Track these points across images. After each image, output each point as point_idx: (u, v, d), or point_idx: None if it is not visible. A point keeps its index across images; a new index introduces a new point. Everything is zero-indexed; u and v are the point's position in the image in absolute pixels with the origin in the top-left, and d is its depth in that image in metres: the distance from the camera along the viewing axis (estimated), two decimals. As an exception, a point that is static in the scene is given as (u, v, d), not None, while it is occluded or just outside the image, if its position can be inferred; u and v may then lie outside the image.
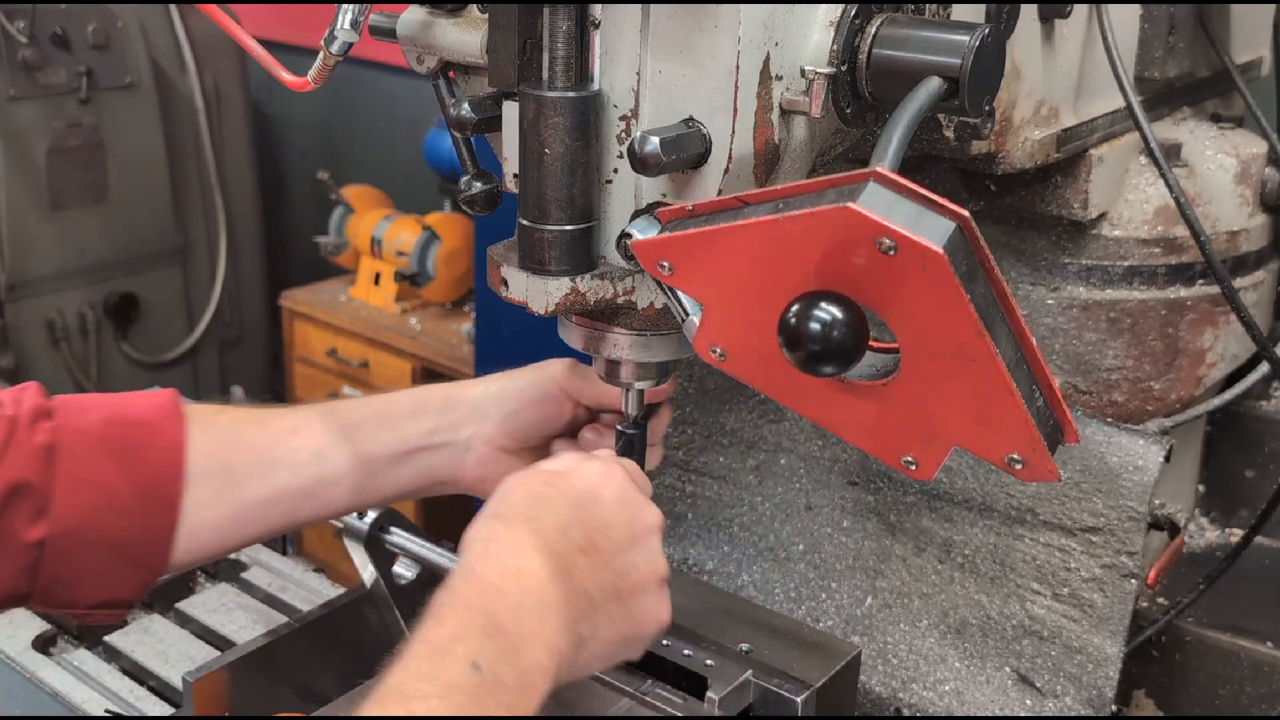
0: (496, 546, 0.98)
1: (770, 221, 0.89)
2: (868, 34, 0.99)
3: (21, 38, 3.66)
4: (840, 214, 0.84)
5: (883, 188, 0.85)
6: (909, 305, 0.86)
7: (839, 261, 0.86)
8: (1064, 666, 1.41)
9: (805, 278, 0.88)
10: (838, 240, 0.86)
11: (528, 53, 0.99)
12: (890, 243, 0.83)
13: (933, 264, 0.82)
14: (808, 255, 0.88)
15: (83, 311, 3.96)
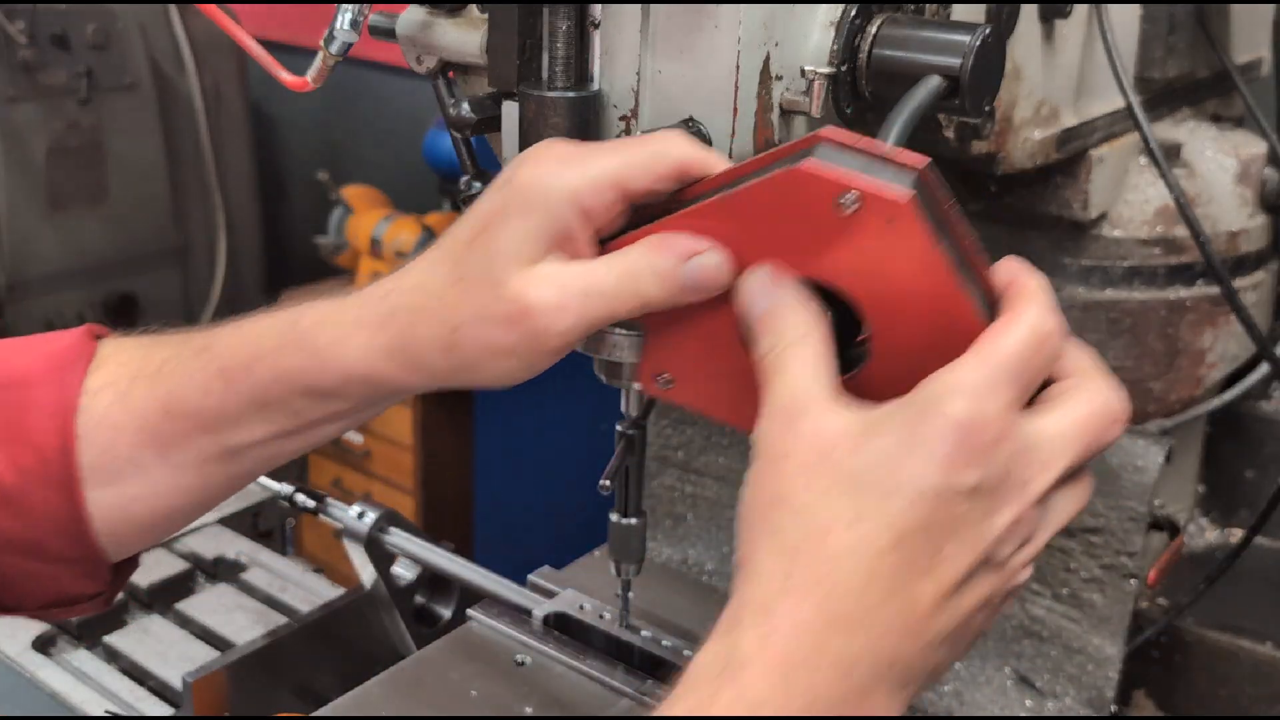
0: (802, 578, 0.70)
1: (712, 204, 0.81)
2: (868, 34, 0.99)
3: (21, 38, 3.66)
4: (790, 177, 0.77)
5: (833, 148, 0.78)
6: (876, 272, 0.76)
7: (796, 237, 0.78)
8: (1064, 667, 1.41)
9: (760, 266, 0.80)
10: (792, 210, 0.77)
11: (527, 53, 0.99)
12: (853, 197, 0.75)
13: (900, 216, 0.75)
14: (760, 239, 0.80)
15: (82, 312, 3.96)
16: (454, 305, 0.85)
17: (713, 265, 0.81)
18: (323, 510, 1.49)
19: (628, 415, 1.19)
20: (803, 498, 0.71)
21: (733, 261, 0.82)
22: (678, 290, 0.82)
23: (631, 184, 0.84)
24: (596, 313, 0.83)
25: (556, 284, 0.82)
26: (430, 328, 0.86)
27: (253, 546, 1.68)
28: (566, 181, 0.84)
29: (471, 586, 1.41)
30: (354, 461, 4.08)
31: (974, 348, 0.73)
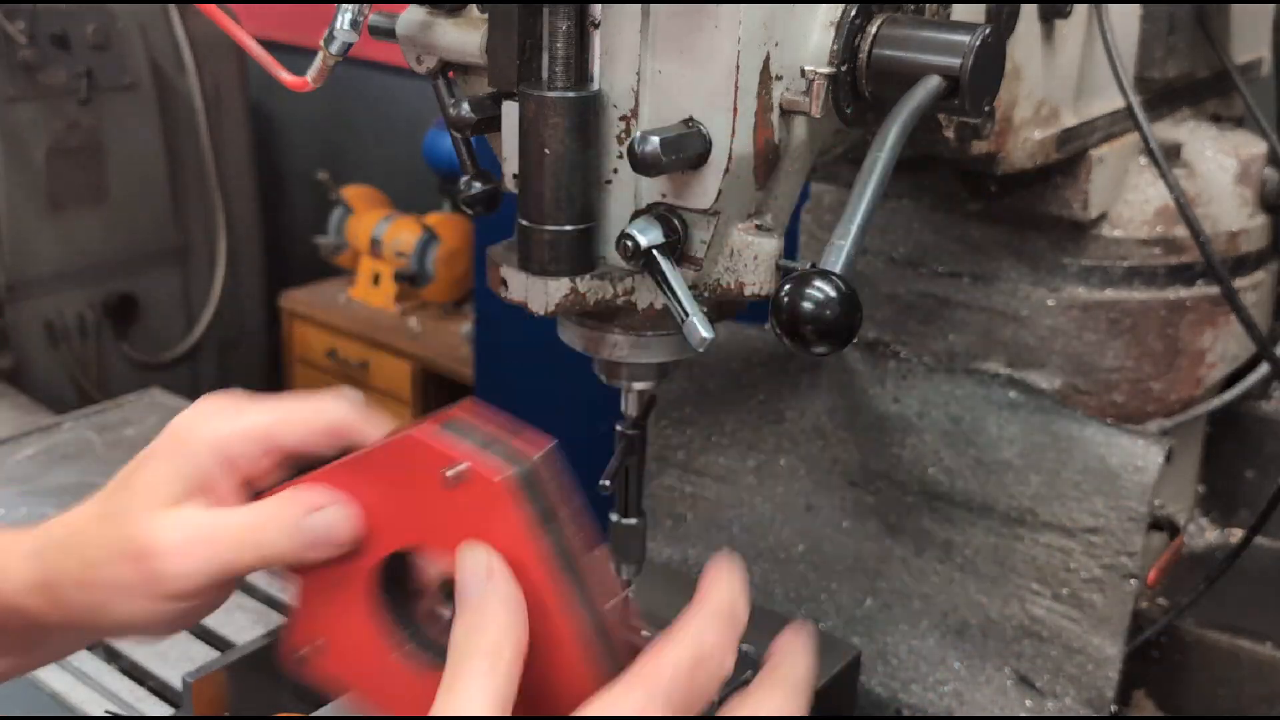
0: None
1: (346, 463, 0.83)
2: (868, 34, 0.99)
3: (21, 38, 3.66)
4: (405, 442, 0.80)
5: (463, 422, 0.80)
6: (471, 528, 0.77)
7: (412, 502, 0.79)
8: (1064, 667, 1.41)
9: (385, 532, 0.81)
10: (409, 475, 0.79)
11: (527, 53, 0.99)
12: (458, 471, 0.77)
13: (498, 498, 0.75)
14: (385, 500, 0.81)
15: (82, 312, 3.96)
16: (92, 541, 0.85)
17: (334, 519, 0.82)
18: (323, 510, 1.49)
19: (628, 415, 1.19)
20: None
21: (364, 520, 0.82)
22: (302, 543, 0.83)
23: (283, 439, 0.86)
24: (221, 560, 0.83)
25: (184, 528, 0.83)
26: (70, 561, 0.85)
27: (253, 546, 1.68)
28: (214, 430, 0.87)
29: (471, 586, 1.41)
30: (354, 461, 4.08)
31: (633, 668, 0.72)
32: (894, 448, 1.51)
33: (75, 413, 2.05)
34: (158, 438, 0.88)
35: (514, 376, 3.22)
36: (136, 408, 2.06)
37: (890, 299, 1.56)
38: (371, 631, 0.84)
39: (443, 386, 3.79)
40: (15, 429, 2.01)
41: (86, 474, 1.84)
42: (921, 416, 1.50)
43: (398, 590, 0.85)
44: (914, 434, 1.50)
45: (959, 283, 1.52)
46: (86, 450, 1.91)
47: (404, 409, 3.86)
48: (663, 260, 0.99)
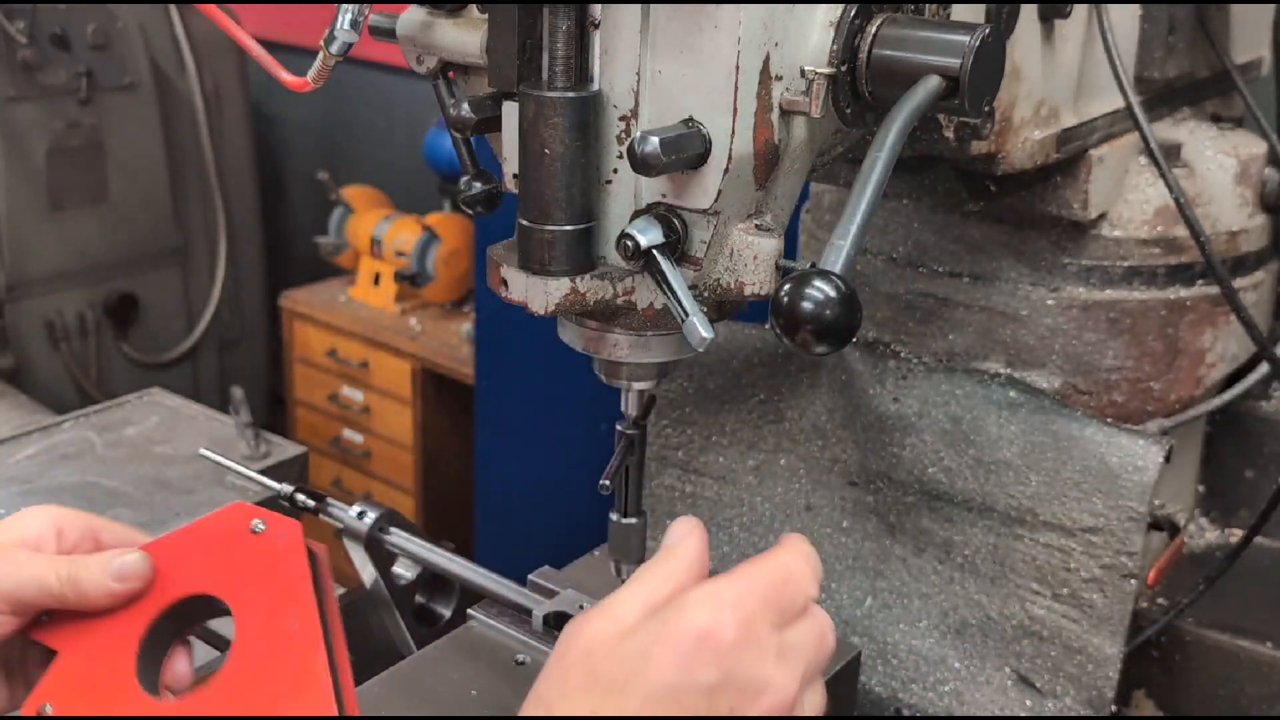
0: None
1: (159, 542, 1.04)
2: (868, 34, 0.99)
3: (21, 38, 3.66)
4: (220, 512, 1.06)
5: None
6: (258, 582, 1.02)
7: (211, 552, 1.03)
8: (1064, 667, 1.41)
9: (177, 579, 1.01)
10: (214, 534, 1.04)
11: (528, 53, 0.99)
12: (261, 524, 1.04)
13: (290, 532, 1.03)
14: (184, 553, 1.03)
15: (82, 312, 3.96)
16: None
17: (136, 559, 0.99)
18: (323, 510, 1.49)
19: (628, 415, 1.19)
20: (552, 696, 0.78)
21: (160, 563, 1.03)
22: (112, 576, 0.99)
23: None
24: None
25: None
26: None
27: (253, 546, 1.68)
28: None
29: (471, 586, 1.41)
30: (354, 461, 4.08)
31: (732, 571, 0.80)
32: (894, 447, 1.51)
33: (75, 413, 2.05)
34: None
35: (514, 376, 3.22)
36: (136, 408, 2.06)
37: (890, 299, 1.56)
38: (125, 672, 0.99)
39: (443, 386, 3.79)
40: (15, 429, 2.01)
41: (86, 474, 1.84)
42: (921, 416, 1.50)
43: (157, 641, 1.03)
44: (914, 434, 1.50)
45: (959, 282, 1.52)
46: (86, 450, 1.91)
47: (404, 409, 3.86)
48: (663, 260, 0.99)
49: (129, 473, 1.85)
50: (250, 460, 1.88)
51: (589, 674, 0.77)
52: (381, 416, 3.96)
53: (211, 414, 2.05)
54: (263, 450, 1.93)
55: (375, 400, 3.96)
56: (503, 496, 3.36)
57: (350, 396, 4.02)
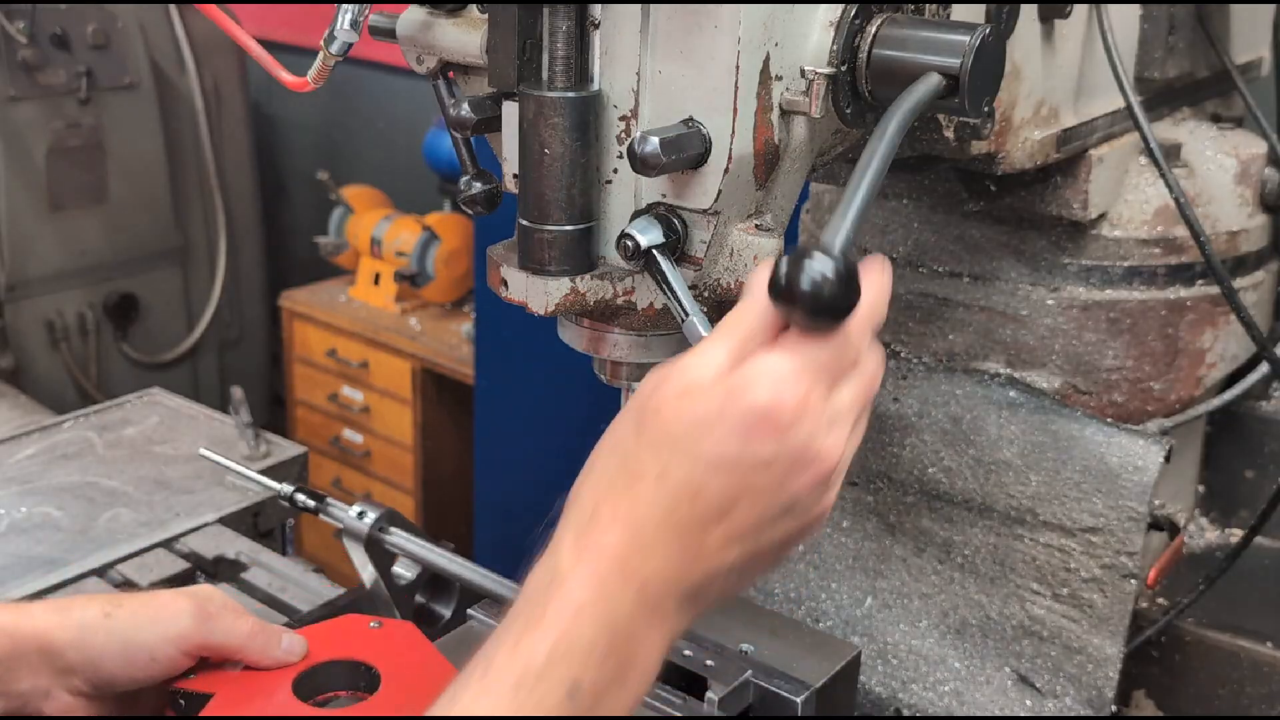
0: (612, 511, 0.83)
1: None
2: (868, 34, 0.99)
3: (21, 38, 3.66)
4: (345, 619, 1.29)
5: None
6: (392, 654, 1.21)
7: (339, 640, 1.24)
8: (1064, 667, 1.41)
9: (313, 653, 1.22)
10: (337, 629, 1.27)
11: (528, 53, 0.99)
12: (378, 624, 1.26)
13: (407, 628, 1.27)
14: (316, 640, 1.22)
15: (82, 312, 3.96)
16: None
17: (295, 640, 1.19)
18: (323, 510, 1.49)
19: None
20: (626, 446, 0.84)
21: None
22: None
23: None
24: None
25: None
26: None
27: (253, 546, 1.67)
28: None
29: (471, 586, 1.40)
30: (354, 461, 4.08)
31: (787, 339, 0.83)
32: (894, 447, 1.51)
33: (75, 413, 2.05)
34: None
35: (514, 376, 3.22)
36: (136, 408, 2.06)
37: (890, 299, 1.56)
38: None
39: (443, 386, 3.79)
40: (15, 429, 2.00)
41: (86, 474, 1.84)
42: (921, 416, 1.50)
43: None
44: (914, 434, 1.50)
45: (959, 282, 1.52)
46: (86, 450, 1.91)
47: (404, 409, 3.86)
48: (663, 260, 0.99)
49: (129, 473, 1.85)
50: (250, 460, 1.88)
51: (660, 432, 0.82)
52: (381, 416, 3.96)
53: (211, 414, 2.04)
54: (263, 450, 1.93)
55: (375, 400, 3.96)
56: (503, 496, 3.36)
57: (350, 396, 4.02)
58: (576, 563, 0.82)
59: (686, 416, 0.82)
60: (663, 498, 0.82)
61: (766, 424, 0.81)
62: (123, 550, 1.64)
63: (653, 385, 0.85)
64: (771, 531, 0.84)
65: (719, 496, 0.81)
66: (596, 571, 0.82)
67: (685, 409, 0.82)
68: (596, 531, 0.83)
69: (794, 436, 0.82)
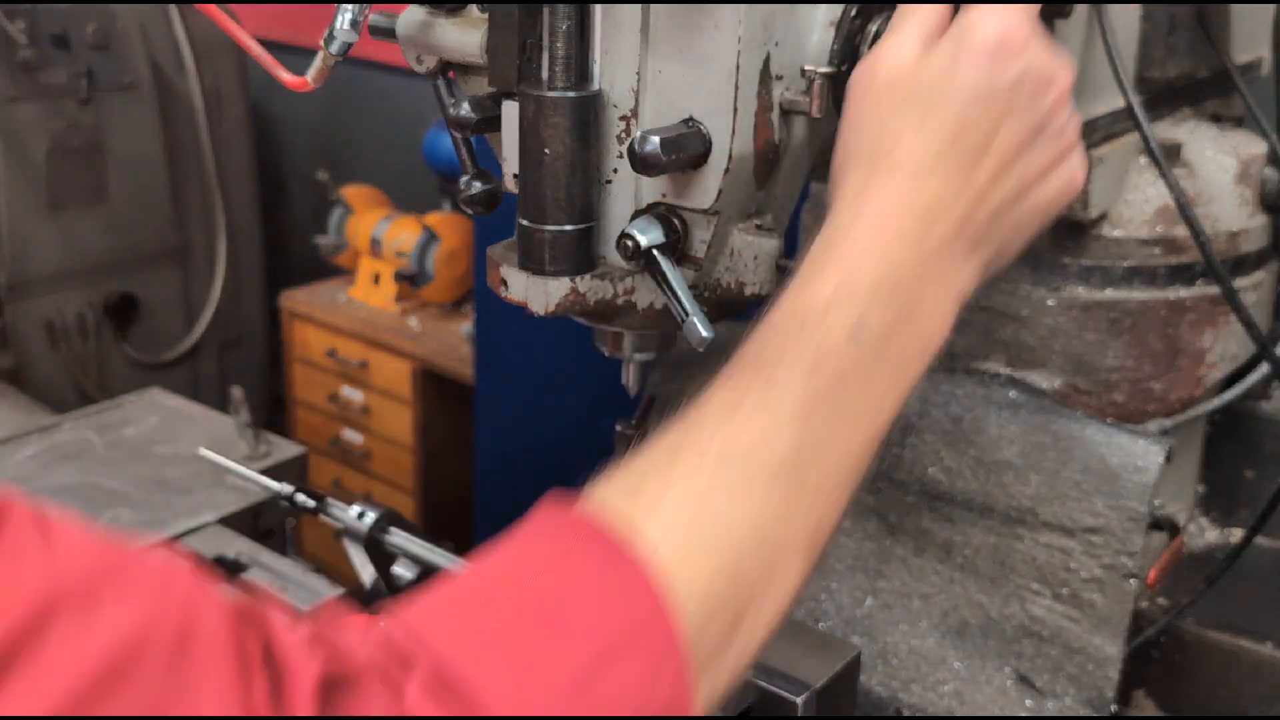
0: (886, 164, 0.85)
1: None
2: (868, 34, 0.99)
3: (21, 38, 3.66)
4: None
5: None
6: None
7: None
8: (1064, 667, 1.41)
9: None
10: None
11: (528, 53, 0.99)
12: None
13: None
14: None
15: (82, 312, 3.96)
16: None
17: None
18: (323, 510, 1.49)
19: (628, 387, 1.18)
20: (878, 116, 0.86)
21: None
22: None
23: None
24: None
25: None
26: None
27: (253, 546, 1.67)
28: None
29: (471, 586, 1.41)
30: (354, 461, 4.08)
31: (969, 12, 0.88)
32: (894, 448, 1.51)
33: (75, 413, 2.05)
34: None
35: (514, 376, 3.22)
36: (136, 408, 2.06)
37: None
38: None
39: (443, 386, 3.79)
40: (15, 429, 2.01)
41: (86, 474, 1.84)
42: (921, 416, 1.50)
43: None
44: (914, 434, 1.50)
45: (959, 283, 1.51)
46: (86, 450, 1.91)
47: (404, 409, 3.86)
48: (663, 260, 0.99)
49: (129, 473, 1.85)
50: (250, 460, 1.88)
51: (903, 96, 0.85)
52: (381, 416, 3.96)
53: (211, 414, 2.05)
54: (263, 450, 1.93)
55: (375, 400, 3.96)
56: (503, 496, 3.36)
57: (350, 396, 4.02)
58: (854, 219, 0.84)
59: (926, 70, 0.85)
60: (927, 142, 0.84)
61: (1006, 48, 0.85)
62: (123, 550, 1.64)
63: (866, 73, 0.88)
64: (1034, 157, 0.87)
65: (981, 126, 0.84)
66: (874, 220, 0.83)
67: (920, 67, 0.85)
68: (869, 191, 0.85)
69: (1033, 55, 0.86)
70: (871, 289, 0.80)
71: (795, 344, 0.79)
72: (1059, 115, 0.89)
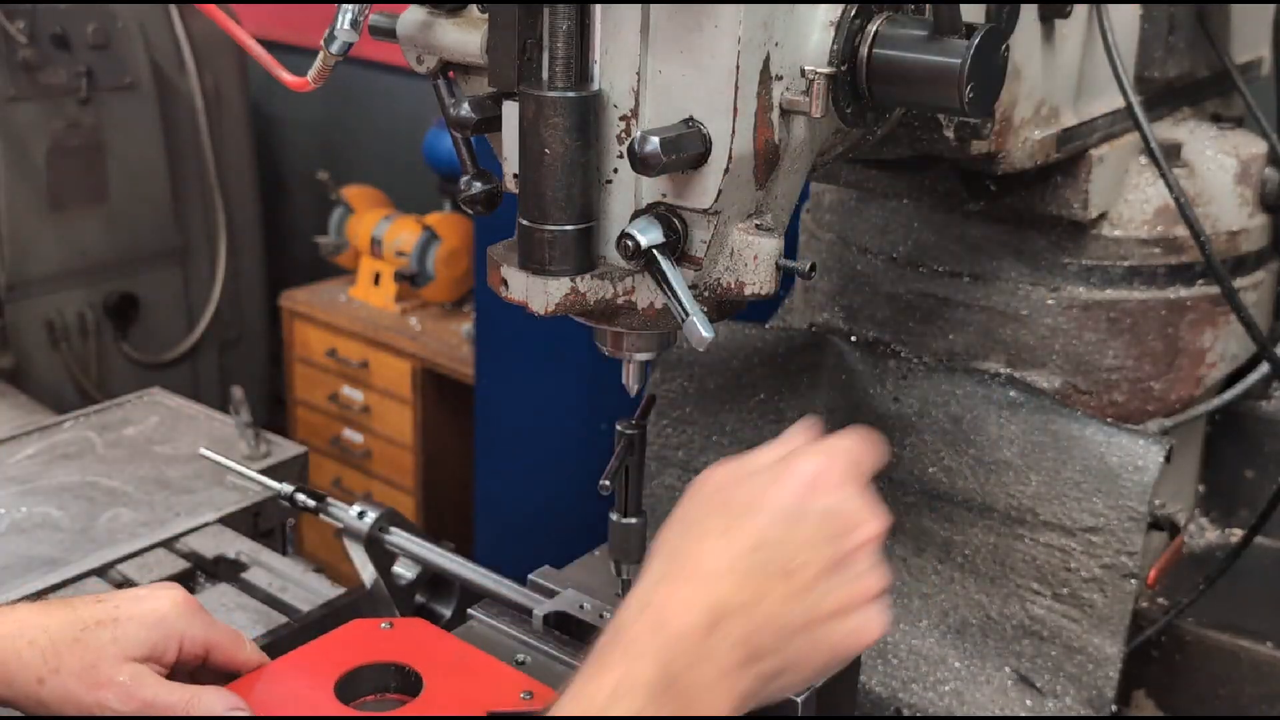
0: (681, 567, 0.89)
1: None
2: (868, 34, 0.99)
3: (21, 38, 3.66)
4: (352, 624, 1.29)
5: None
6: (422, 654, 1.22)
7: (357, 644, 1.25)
8: (1064, 666, 1.41)
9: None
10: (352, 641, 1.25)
11: (528, 53, 0.99)
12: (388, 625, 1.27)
13: (419, 624, 1.29)
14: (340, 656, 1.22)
15: (82, 311, 3.96)
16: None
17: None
18: (323, 510, 1.49)
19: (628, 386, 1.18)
20: (693, 517, 0.92)
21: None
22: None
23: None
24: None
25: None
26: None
27: (253, 546, 1.67)
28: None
29: (471, 586, 1.41)
30: (354, 461, 4.08)
31: (819, 442, 0.96)
32: (894, 447, 1.51)
33: (75, 413, 2.05)
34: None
35: (514, 376, 3.22)
36: (136, 408, 2.06)
37: (890, 299, 1.56)
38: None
39: (443, 386, 3.79)
40: (15, 429, 2.01)
41: (86, 474, 1.84)
42: (921, 416, 1.50)
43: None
44: (914, 434, 1.50)
45: (959, 282, 1.52)
46: (86, 450, 1.91)
47: (404, 409, 3.86)
48: (663, 260, 0.99)
49: (129, 473, 1.85)
50: (250, 460, 1.88)
51: (722, 502, 0.92)
52: (381, 416, 3.95)
53: (211, 414, 2.04)
54: (263, 450, 1.93)
55: (375, 400, 3.96)
56: (503, 496, 3.36)
57: (350, 396, 4.02)
58: (641, 612, 0.87)
59: (749, 484, 0.92)
60: (726, 548, 0.89)
61: (820, 482, 0.91)
62: (123, 550, 1.64)
63: (705, 477, 0.95)
64: (831, 590, 0.90)
65: (783, 545, 0.89)
66: (659, 616, 0.86)
67: (747, 480, 0.92)
68: (662, 586, 0.89)
69: (846, 495, 0.92)
70: (649, 687, 0.82)
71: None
72: (862, 559, 0.91)
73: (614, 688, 0.83)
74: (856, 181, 1.54)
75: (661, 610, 0.86)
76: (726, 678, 0.85)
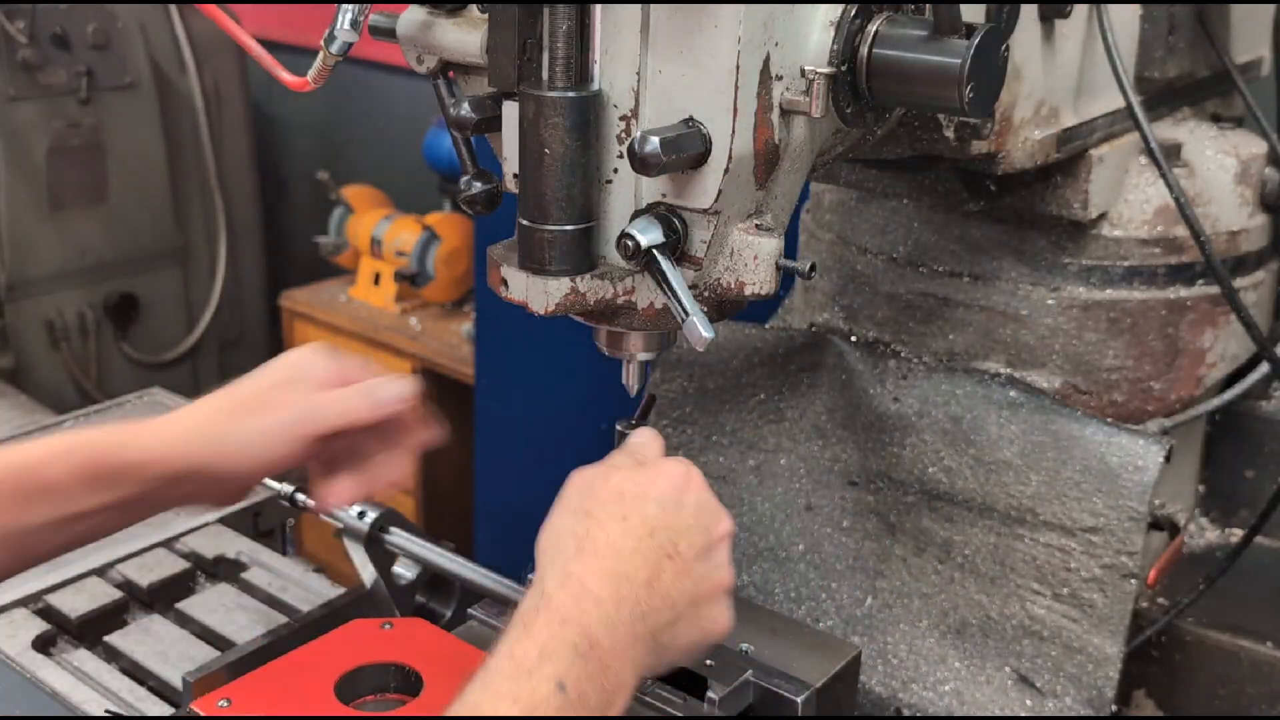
0: (593, 546, 0.98)
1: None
2: (867, 34, 0.99)
3: (21, 38, 3.66)
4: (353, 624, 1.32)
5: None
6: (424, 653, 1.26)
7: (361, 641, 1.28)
8: (1064, 666, 1.41)
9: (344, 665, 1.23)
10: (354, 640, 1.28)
11: (528, 53, 0.99)
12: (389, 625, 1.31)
13: (420, 623, 1.33)
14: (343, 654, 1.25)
15: (82, 311, 3.96)
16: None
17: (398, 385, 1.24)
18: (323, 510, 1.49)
19: (628, 385, 1.18)
20: (587, 507, 1.01)
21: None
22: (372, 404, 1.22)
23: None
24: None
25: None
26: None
27: (253, 546, 1.67)
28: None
29: (471, 586, 1.41)
30: (354, 461, 4.07)
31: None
32: (894, 447, 1.51)
33: (75, 413, 2.05)
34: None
35: (514, 376, 3.21)
36: (136, 408, 2.06)
37: (890, 299, 1.56)
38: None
39: (443, 386, 3.78)
40: (15, 429, 2.01)
41: (87, 474, 1.84)
42: (921, 416, 1.50)
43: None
44: (914, 434, 1.50)
45: (959, 282, 1.52)
46: (87, 450, 1.91)
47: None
48: (663, 260, 1.00)
49: (129, 473, 1.84)
50: (250, 460, 1.87)
51: (612, 492, 1.02)
52: (381, 416, 3.95)
53: (211, 414, 2.04)
54: (263, 450, 1.92)
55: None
56: (503, 496, 3.36)
57: (350, 396, 4.02)
58: (561, 585, 0.97)
59: (631, 479, 1.03)
60: (630, 533, 0.99)
61: (691, 480, 1.04)
62: (123, 550, 1.64)
63: (583, 473, 1.05)
64: (704, 576, 1.02)
65: (669, 530, 1.00)
66: (579, 589, 0.96)
67: (623, 477, 1.03)
68: (575, 564, 0.98)
69: (705, 494, 1.05)
70: (573, 648, 0.92)
71: (512, 689, 0.91)
72: (721, 551, 1.04)
73: (541, 649, 0.92)
74: (856, 181, 1.54)
75: (582, 581, 0.96)
76: (633, 646, 0.96)
